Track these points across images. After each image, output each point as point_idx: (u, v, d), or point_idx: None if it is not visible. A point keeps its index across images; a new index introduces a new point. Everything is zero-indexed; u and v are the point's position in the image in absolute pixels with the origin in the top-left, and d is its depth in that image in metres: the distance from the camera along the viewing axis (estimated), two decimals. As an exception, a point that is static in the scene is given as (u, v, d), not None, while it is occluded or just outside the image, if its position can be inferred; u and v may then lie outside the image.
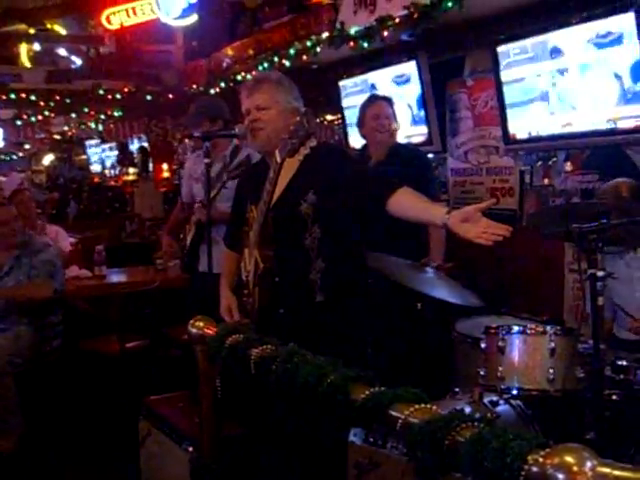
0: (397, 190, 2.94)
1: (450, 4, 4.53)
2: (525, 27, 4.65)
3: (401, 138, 5.10)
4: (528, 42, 4.58)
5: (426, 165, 4.84)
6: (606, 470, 1.31)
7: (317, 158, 3.14)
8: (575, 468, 1.32)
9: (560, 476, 1.33)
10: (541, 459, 1.37)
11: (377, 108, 4.67)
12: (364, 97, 5.38)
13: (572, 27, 4.29)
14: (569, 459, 1.33)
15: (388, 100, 4.73)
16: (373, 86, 5.97)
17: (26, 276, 4.88)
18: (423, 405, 1.70)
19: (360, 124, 4.73)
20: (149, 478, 3.83)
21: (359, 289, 3.24)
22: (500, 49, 4.78)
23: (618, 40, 4.04)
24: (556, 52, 4.42)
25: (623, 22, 3.99)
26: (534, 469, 1.37)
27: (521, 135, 4.82)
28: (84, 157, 16.07)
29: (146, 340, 5.45)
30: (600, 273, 2.62)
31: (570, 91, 4.40)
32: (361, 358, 3.14)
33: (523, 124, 4.78)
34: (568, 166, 5.10)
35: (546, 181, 6.48)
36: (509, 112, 4.85)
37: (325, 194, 3.07)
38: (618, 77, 4.10)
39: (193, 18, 9.25)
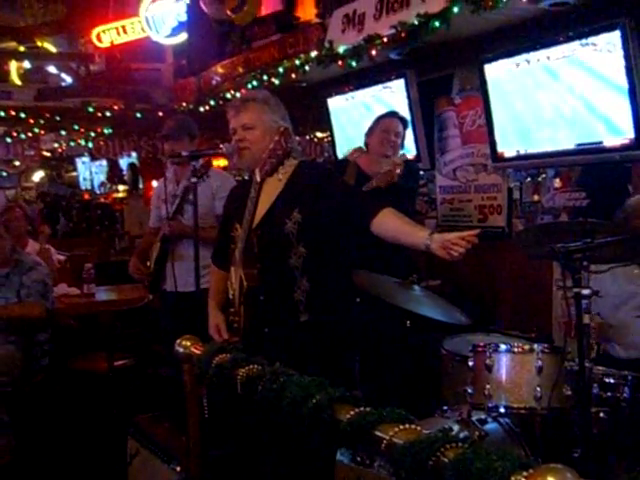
0: (381, 211, 2.97)
1: (437, 24, 4.56)
2: (512, 45, 4.69)
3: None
4: (515, 60, 4.62)
5: (417, 180, 4.89)
6: (588, 491, 1.32)
7: (303, 176, 3.16)
8: (558, 489, 1.32)
9: (543, 497, 1.33)
10: (524, 480, 1.38)
11: (389, 123, 4.69)
12: (352, 115, 5.42)
13: (559, 45, 4.32)
14: (552, 480, 1.34)
15: (403, 120, 4.77)
16: (362, 104, 5.99)
17: (15, 294, 4.86)
18: (408, 425, 1.71)
19: (369, 133, 4.75)
20: (137, 497, 3.81)
21: (345, 308, 3.24)
22: (487, 67, 4.81)
23: (605, 58, 4.07)
24: (543, 70, 4.45)
25: (609, 40, 4.03)
26: (517, 490, 1.38)
27: (509, 153, 4.84)
28: (74, 174, 16.04)
29: (134, 358, 5.43)
30: (585, 291, 2.63)
31: (558, 108, 4.43)
32: (348, 377, 3.15)
33: (511, 142, 4.81)
34: (557, 183, 5.14)
35: (535, 197, 6.52)
36: (497, 130, 4.88)
37: (310, 213, 3.08)
38: (604, 95, 4.13)
39: (183, 36, 9.30)
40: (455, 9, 4.42)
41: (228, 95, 7.35)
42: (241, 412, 2.94)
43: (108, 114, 9.38)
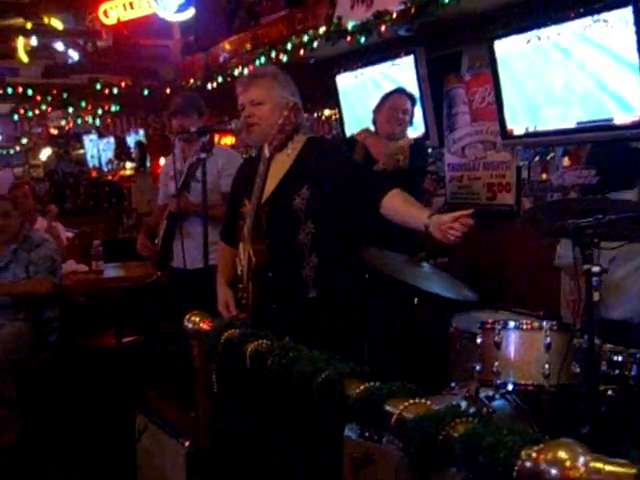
0: (389, 192, 2.97)
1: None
2: (522, 22, 4.64)
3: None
4: (525, 37, 4.57)
5: (425, 159, 4.86)
6: (599, 465, 1.32)
7: (312, 152, 3.15)
8: (568, 463, 1.32)
9: (553, 471, 1.33)
10: (534, 454, 1.38)
11: (397, 100, 4.69)
12: (361, 92, 5.38)
13: (570, 22, 4.28)
14: (562, 454, 1.34)
15: (411, 97, 4.75)
16: (371, 81, 5.96)
17: (24, 270, 4.88)
18: (418, 400, 1.71)
19: (377, 110, 4.74)
20: (146, 472, 3.84)
21: (354, 285, 3.24)
22: (497, 44, 4.77)
23: (616, 34, 4.03)
24: (554, 47, 4.41)
25: (621, 16, 3.99)
26: (527, 464, 1.38)
27: (518, 130, 4.81)
28: (81, 152, 16.04)
29: (143, 335, 5.45)
30: (595, 268, 2.62)
31: (568, 86, 4.39)
32: (357, 353, 3.15)
33: (520, 119, 4.78)
34: (565, 161, 5.11)
35: (544, 176, 6.50)
36: (506, 107, 4.85)
37: (319, 189, 3.08)
38: (615, 72, 4.09)
39: (190, 12, 9.23)
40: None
41: (236, 72, 7.32)
42: (250, 387, 2.95)
43: (115, 91, 9.35)
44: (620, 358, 3.12)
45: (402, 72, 5.64)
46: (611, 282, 3.41)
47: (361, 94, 6.08)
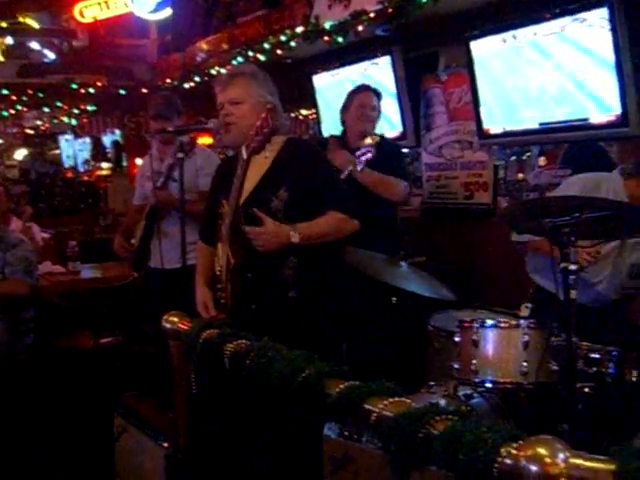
0: (328, 211, 3.10)
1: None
2: (499, 22, 4.67)
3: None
4: (502, 37, 4.60)
5: (401, 158, 4.85)
6: (578, 461, 1.33)
7: (290, 154, 3.15)
8: (548, 460, 1.33)
9: (533, 468, 1.34)
10: (514, 451, 1.39)
11: (364, 98, 4.65)
12: (338, 91, 5.37)
13: (546, 22, 4.31)
14: (542, 451, 1.35)
15: (377, 92, 4.73)
16: (348, 81, 5.96)
17: (-1, 271, 4.84)
18: (397, 398, 1.71)
19: (344, 110, 4.72)
20: (124, 474, 3.82)
21: (333, 284, 3.24)
22: (474, 44, 4.80)
23: (592, 35, 4.06)
24: (530, 47, 4.44)
25: (598, 16, 4.02)
26: (507, 461, 1.39)
27: (495, 130, 4.84)
28: (57, 152, 15.90)
29: (120, 336, 5.42)
30: (572, 267, 2.64)
31: (543, 86, 4.42)
32: (336, 353, 3.15)
33: (497, 119, 4.81)
34: (542, 161, 5.14)
35: (520, 176, 6.54)
36: (482, 107, 4.87)
37: (297, 191, 3.07)
38: (591, 72, 4.13)
39: (167, 12, 9.19)
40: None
41: (213, 71, 7.30)
42: (229, 387, 2.94)
43: (91, 91, 9.28)
44: (597, 355, 3.14)
45: (379, 72, 5.65)
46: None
47: (338, 94, 6.05)
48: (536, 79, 4.46)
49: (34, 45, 10.89)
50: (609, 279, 3.73)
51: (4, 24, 10.45)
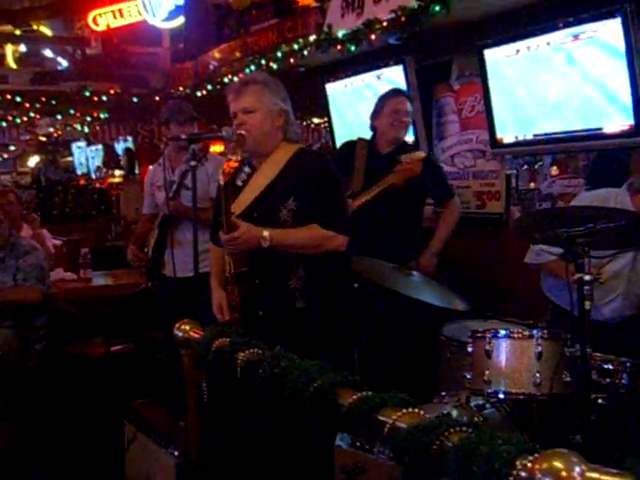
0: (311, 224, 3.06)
1: (437, 8, 4.52)
2: (512, 31, 4.66)
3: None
4: (515, 46, 4.59)
5: (434, 164, 4.83)
6: (594, 475, 1.31)
7: (301, 164, 3.13)
8: (564, 473, 1.31)
9: (549, 481, 1.32)
10: (529, 464, 1.37)
11: (398, 103, 4.59)
12: (350, 100, 5.37)
13: (559, 31, 4.30)
14: (558, 464, 1.33)
15: (409, 97, 4.71)
16: (360, 89, 5.96)
17: (11, 278, 4.85)
18: (411, 410, 1.70)
19: (375, 115, 4.65)
20: (134, 482, 3.81)
21: (342, 295, 3.21)
22: (487, 53, 4.79)
23: (604, 44, 4.05)
24: (543, 56, 4.43)
25: (609, 27, 4.01)
26: (522, 474, 1.37)
27: (508, 139, 4.83)
28: (70, 159, 15.99)
29: (131, 343, 5.42)
30: (587, 277, 2.62)
31: (557, 95, 4.41)
32: (347, 363, 3.13)
33: (510, 128, 4.79)
34: (554, 170, 5.13)
35: (532, 185, 6.52)
36: (496, 116, 4.86)
37: (305, 202, 3.05)
38: (604, 81, 4.11)
39: (180, 20, 9.23)
40: (455, -7, 4.40)
41: (225, 80, 7.31)
42: (240, 397, 2.93)
43: (104, 98, 9.33)
44: (611, 366, 3.12)
45: (392, 81, 5.65)
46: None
47: (351, 102, 6.08)
48: (549, 89, 4.45)
49: (48, 53, 10.96)
50: (623, 296, 3.69)
51: (18, 31, 10.53)
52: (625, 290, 3.68)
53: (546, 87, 4.46)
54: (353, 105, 6.01)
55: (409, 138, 5.38)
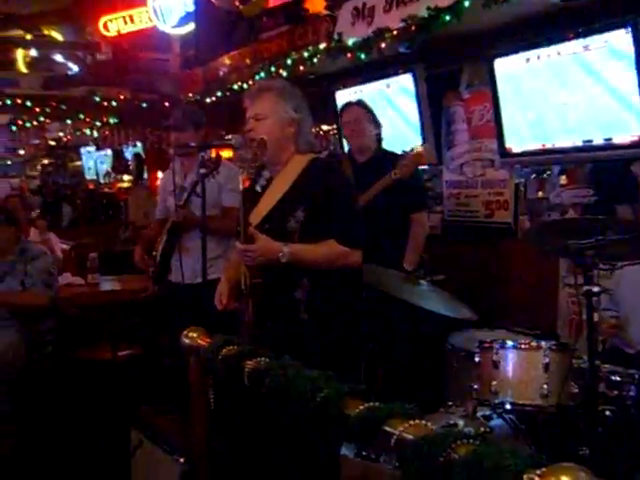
0: (329, 240, 3.02)
1: (448, 17, 4.53)
2: (522, 41, 4.66)
3: (397, 150, 5.08)
4: (525, 55, 4.59)
5: (413, 175, 4.82)
6: (602, 490, 1.31)
7: (313, 175, 3.11)
8: (571, 488, 1.31)
9: (556, 496, 1.32)
10: (537, 478, 1.36)
11: (347, 114, 4.76)
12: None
13: (569, 42, 4.30)
14: (565, 478, 1.32)
15: (360, 104, 4.76)
16: (370, 97, 5.96)
17: (19, 282, 4.85)
18: (417, 421, 1.69)
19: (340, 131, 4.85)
20: (140, 488, 3.81)
21: (348, 307, 3.16)
22: (497, 62, 4.79)
23: (615, 55, 4.05)
24: (553, 66, 4.43)
25: (619, 38, 4.01)
26: (530, 488, 1.36)
27: (517, 149, 4.83)
28: (79, 163, 16.04)
29: (138, 349, 5.42)
30: (596, 289, 2.61)
31: (566, 105, 4.40)
32: (352, 373, 3.10)
33: (519, 137, 4.79)
34: (563, 180, 5.11)
35: (540, 194, 6.50)
36: (505, 125, 4.86)
37: (314, 212, 3.03)
38: (614, 92, 4.11)
39: (190, 27, 9.26)
40: (466, 2, 4.40)
41: (235, 86, 7.33)
42: (247, 405, 2.92)
43: (114, 104, 9.36)
44: (618, 378, 3.11)
45: (401, 89, 5.66)
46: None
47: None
48: (559, 98, 4.44)
49: (58, 58, 11.01)
50: None
51: (28, 36, 10.59)
52: None
53: (556, 97, 4.46)
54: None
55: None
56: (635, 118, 4.02)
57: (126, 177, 13.57)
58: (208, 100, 8.01)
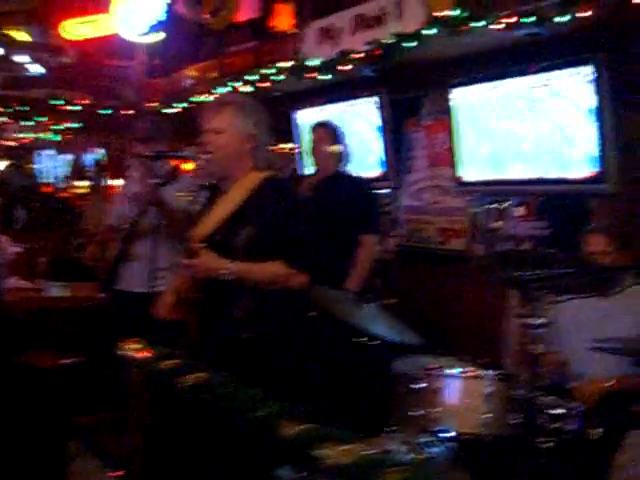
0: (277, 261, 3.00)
1: (412, 44, 4.56)
2: (483, 71, 4.71)
3: (357, 173, 5.11)
4: (484, 86, 4.64)
5: (366, 198, 4.86)
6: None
7: (266, 193, 3.09)
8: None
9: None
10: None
11: (314, 135, 4.90)
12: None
13: (529, 75, 4.35)
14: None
15: (324, 125, 4.85)
16: (334, 118, 5.97)
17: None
18: (352, 445, 1.68)
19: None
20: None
21: (291, 326, 3.13)
22: (455, 92, 4.83)
23: (575, 92, 4.10)
24: (512, 98, 4.47)
25: (581, 74, 4.05)
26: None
27: (469, 178, 4.87)
28: (37, 166, 15.82)
29: (83, 357, 5.33)
30: (539, 321, 2.63)
31: (524, 137, 4.45)
32: (293, 395, 3.07)
33: (475, 167, 4.83)
34: (520, 211, 5.14)
35: (497, 224, 6.55)
36: (461, 154, 4.89)
37: (262, 232, 3.00)
38: (570, 127, 4.16)
39: (157, 36, 9.19)
40: (431, 31, 4.43)
41: (197, 98, 7.29)
42: (185, 419, 2.88)
43: (76, 108, 9.25)
44: (560, 411, 3.12)
45: (364, 113, 5.68)
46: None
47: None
48: (516, 130, 4.49)
49: (17, 58, 10.86)
50: None
51: (-7, 36, 10.44)
52: None
53: (513, 129, 4.50)
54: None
55: (377, 171, 5.43)
56: (592, 153, 4.06)
57: (84, 183, 13.40)
58: (169, 111, 7.95)
